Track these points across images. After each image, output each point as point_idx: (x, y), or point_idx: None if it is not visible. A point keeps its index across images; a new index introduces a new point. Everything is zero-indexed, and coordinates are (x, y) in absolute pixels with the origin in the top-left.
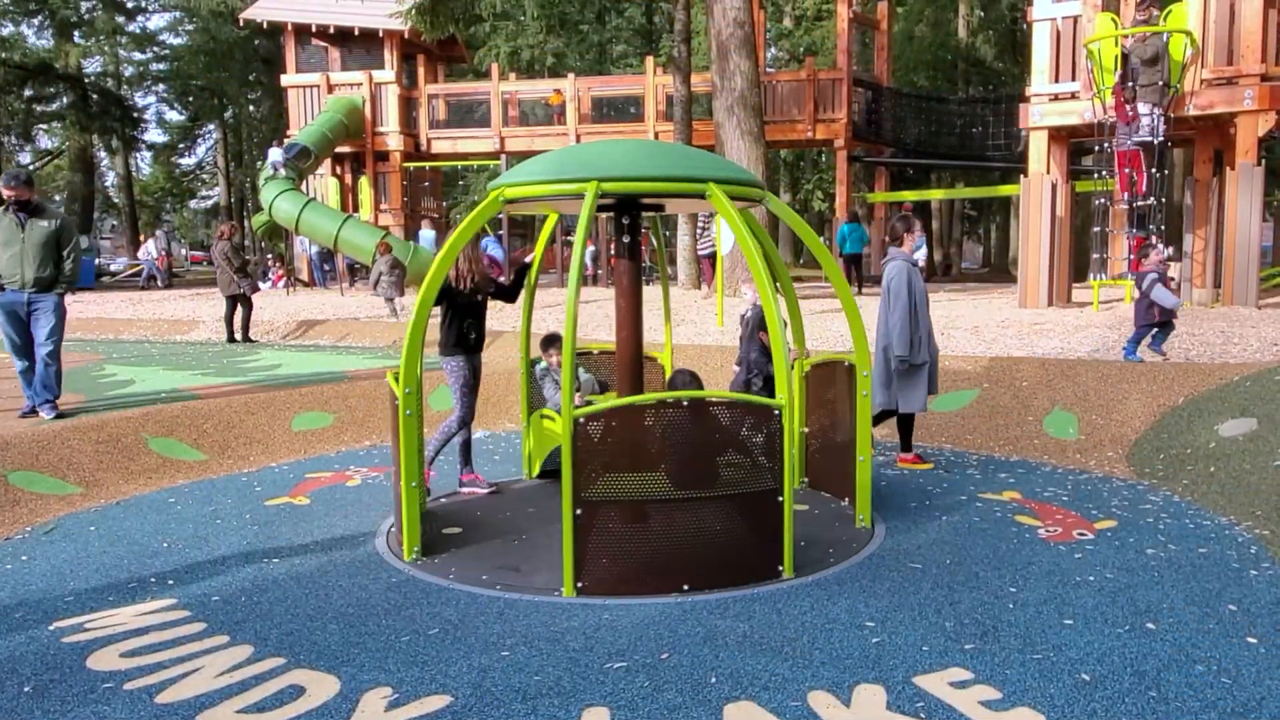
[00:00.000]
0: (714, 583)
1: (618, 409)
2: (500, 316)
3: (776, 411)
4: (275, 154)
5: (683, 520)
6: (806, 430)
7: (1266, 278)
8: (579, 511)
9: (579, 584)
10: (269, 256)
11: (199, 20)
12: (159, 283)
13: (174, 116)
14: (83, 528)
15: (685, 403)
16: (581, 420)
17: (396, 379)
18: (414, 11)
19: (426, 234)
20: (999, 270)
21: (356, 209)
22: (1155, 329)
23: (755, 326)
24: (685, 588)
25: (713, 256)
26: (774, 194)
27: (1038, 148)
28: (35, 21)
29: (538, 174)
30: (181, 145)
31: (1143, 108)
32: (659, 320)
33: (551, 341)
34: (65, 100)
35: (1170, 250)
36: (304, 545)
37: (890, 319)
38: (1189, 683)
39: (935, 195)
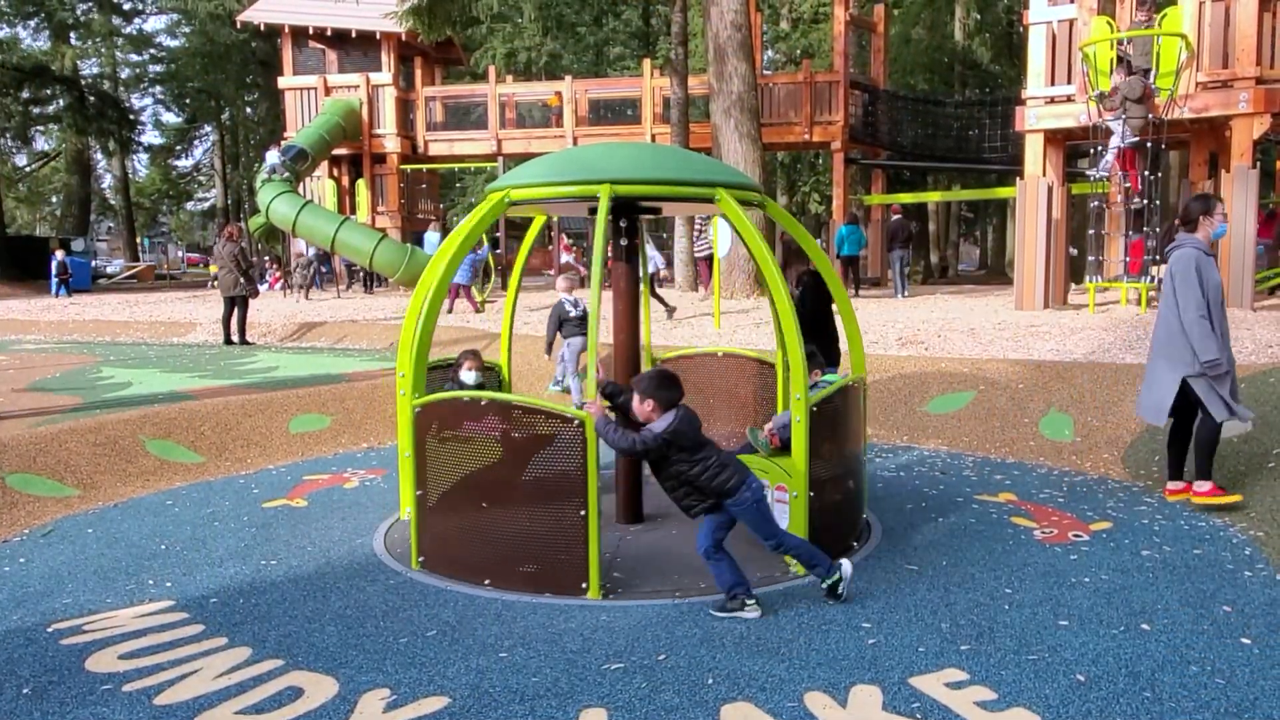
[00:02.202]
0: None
1: None
2: (496, 319)
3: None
4: (272, 157)
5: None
6: None
7: (1262, 280)
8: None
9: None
10: (266, 259)
11: (196, 22)
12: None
13: (171, 118)
14: (80, 530)
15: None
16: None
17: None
18: (410, 13)
19: (432, 237)
20: (995, 272)
21: (354, 211)
22: None
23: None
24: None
25: (709, 259)
26: (771, 196)
27: (1034, 150)
28: (31, 23)
29: (545, 176)
30: (178, 147)
31: (1114, 125)
32: (656, 323)
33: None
34: (62, 102)
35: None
36: (302, 547)
37: (1184, 317)
38: (1183, 683)
39: (932, 197)
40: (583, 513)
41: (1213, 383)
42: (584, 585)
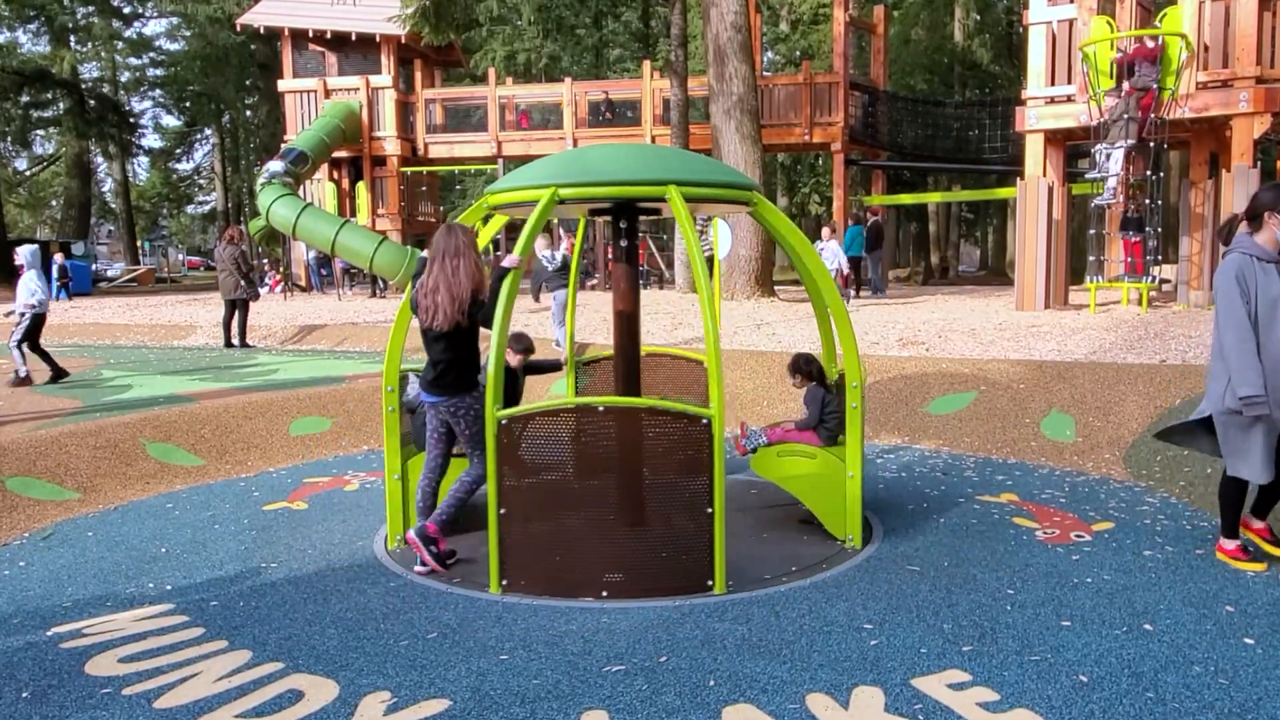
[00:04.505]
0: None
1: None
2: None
3: (705, 421)
4: (274, 166)
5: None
6: None
7: None
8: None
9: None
10: (264, 262)
11: (196, 26)
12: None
13: (171, 122)
14: (80, 533)
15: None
16: (503, 421)
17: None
18: (416, 15)
19: None
20: (996, 273)
21: (354, 214)
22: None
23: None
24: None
25: (710, 260)
26: (771, 198)
27: (1034, 151)
28: (31, 28)
29: (512, 182)
30: (178, 150)
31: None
32: (656, 324)
33: None
34: (62, 106)
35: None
36: (302, 550)
37: (1222, 337)
38: (1186, 684)
39: (932, 198)
40: None
41: (1243, 429)
42: None
